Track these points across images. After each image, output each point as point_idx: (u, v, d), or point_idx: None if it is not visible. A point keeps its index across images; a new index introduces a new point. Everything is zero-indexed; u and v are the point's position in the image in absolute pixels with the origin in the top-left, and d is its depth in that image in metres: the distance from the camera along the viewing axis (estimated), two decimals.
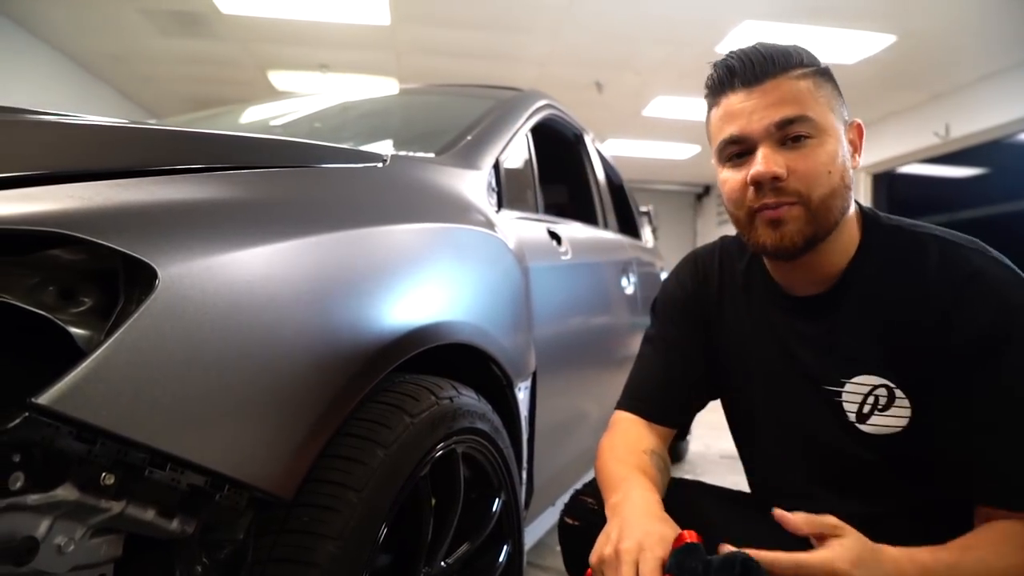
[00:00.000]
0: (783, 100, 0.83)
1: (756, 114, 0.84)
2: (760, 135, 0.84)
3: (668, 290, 1.11)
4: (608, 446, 1.00)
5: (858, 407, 0.89)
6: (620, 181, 3.24)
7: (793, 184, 0.83)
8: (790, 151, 0.83)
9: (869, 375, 0.88)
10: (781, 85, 0.83)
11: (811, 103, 0.83)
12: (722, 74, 0.88)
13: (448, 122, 1.67)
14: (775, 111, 0.83)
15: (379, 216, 0.93)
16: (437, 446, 0.91)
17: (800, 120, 0.83)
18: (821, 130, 0.83)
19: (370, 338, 0.81)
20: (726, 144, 0.88)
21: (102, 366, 0.53)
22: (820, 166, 0.83)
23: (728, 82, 0.87)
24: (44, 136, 0.69)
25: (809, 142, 0.83)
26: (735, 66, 0.86)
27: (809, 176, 0.83)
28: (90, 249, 0.58)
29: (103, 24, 5.38)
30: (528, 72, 6.01)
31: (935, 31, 4.90)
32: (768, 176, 0.83)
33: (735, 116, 0.86)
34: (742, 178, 0.86)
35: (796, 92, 0.83)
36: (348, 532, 0.73)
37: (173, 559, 0.65)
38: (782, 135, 0.83)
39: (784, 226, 0.84)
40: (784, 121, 0.83)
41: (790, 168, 0.83)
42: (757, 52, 0.86)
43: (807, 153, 0.83)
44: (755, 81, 0.84)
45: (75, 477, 0.54)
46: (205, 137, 0.84)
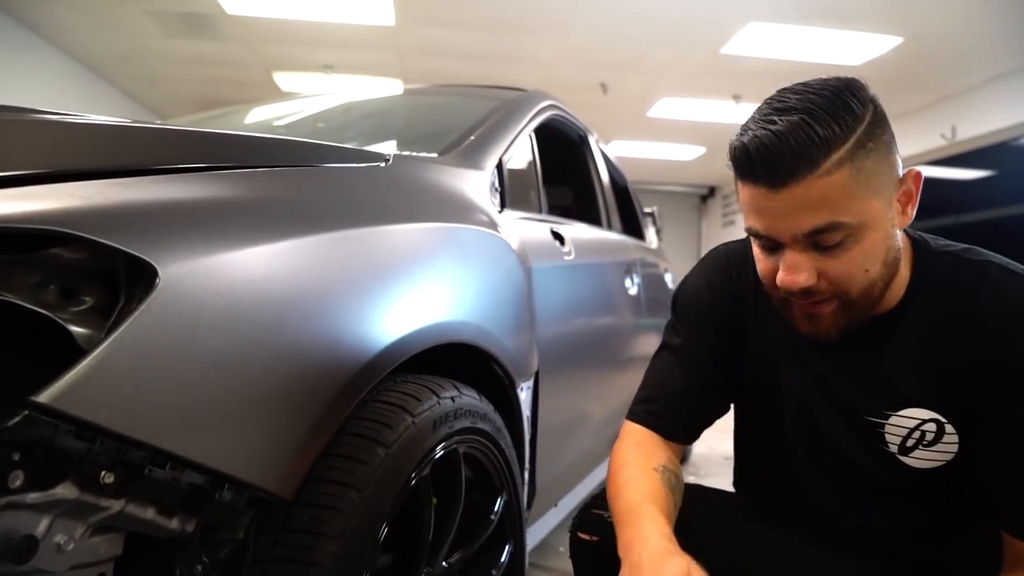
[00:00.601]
0: (811, 206, 0.72)
1: (782, 219, 0.75)
2: (787, 239, 0.76)
3: (694, 291, 1.01)
4: (620, 463, 0.94)
5: (902, 440, 0.85)
6: (624, 182, 3.24)
7: (825, 286, 0.77)
8: (822, 254, 0.76)
9: (918, 408, 0.84)
10: (809, 188, 0.72)
11: (845, 203, 0.72)
12: (742, 160, 0.76)
13: (451, 122, 1.67)
14: (803, 218, 0.73)
15: (381, 216, 0.93)
16: (438, 446, 0.91)
17: (832, 228, 0.73)
18: (858, 228, 0.74)
19: (371, 337, 0.81)
20: (751, 232, 0.81)
21: (102, 364, 0.53)
22: (856, 268, 0.76)
23: (748, 174, 0.76)
24: (45, 135, 0.69)
25: (845, 242, 0.75)
26: (755, 160, 0.73)
27: (843, 279, 0.76)
28: (91, 248, 0.58)
29: (109, 25, 5.41)
30: (533, 73, 6.01)
31: (941, 33, 4.88)
32: (797, 289, 0.77)
33: (758, 212, 0.77)
34: (772, 268, 0.80)
35: (828, 193, 0.72)
36: (349, 532, 0.73)
37: (173, 558, 0.65)
38: (810, 241, 0.76)
39: (819, 320, 0.80)
40: (814, 231, 0.74)
41: (821, 271, 0.76)
42: (778, 144, 0.72)
43: (841, 255, 0.75)
44: (779, 183, 0.73)
45: (75, 475, 0.54)
46: (206, 136, 0.84)
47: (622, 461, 0.94)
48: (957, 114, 6.23)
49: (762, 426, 1.01)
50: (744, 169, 0.76)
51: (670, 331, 1.04)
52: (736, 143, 0.77)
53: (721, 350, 0.98)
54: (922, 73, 5.71)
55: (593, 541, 1.00)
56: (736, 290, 0.98)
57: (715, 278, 1.00)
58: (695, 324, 1.00)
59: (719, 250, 1.04)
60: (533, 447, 1.43)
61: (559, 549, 2.14)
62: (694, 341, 0.99)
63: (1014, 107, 5.68)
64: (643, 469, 0.90)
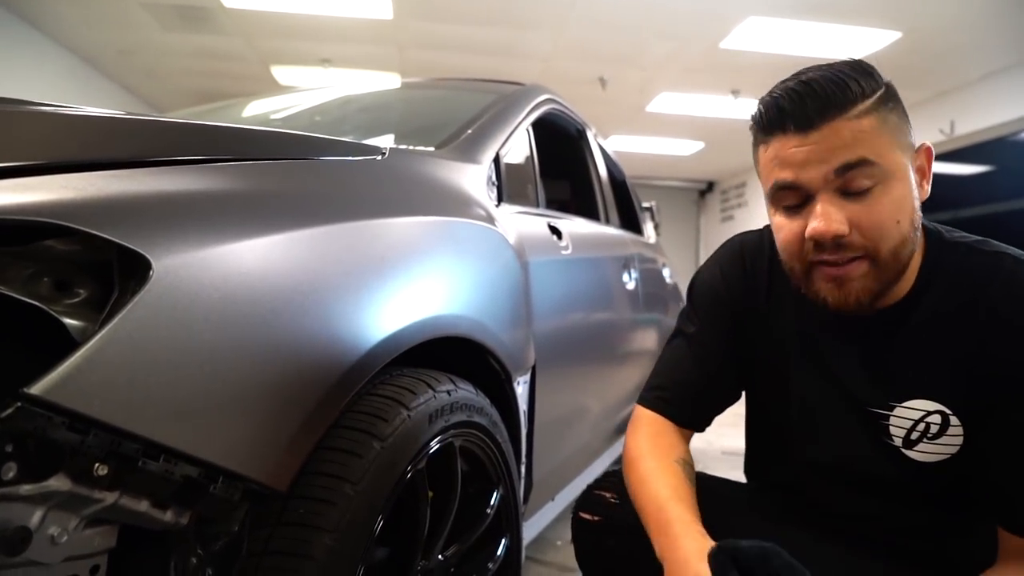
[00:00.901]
0: (843, 145, 0.74)
1: (813, 161, 0.75)
2: (818, 184, 0.76)
3: (709, 283, 1.02)
4: (638, 454, 0.94)
5: (906, 432, 0.85)
6: (623, 177, 3.24)
7: (857, 239, 0.76)
8: (852, 202, 0.76)
9: (924, 400, 0.83)
10: (840, 128, 0.74)
11: (874, 144, 0.74)
12: (772, 114, 0.78)
13: (449, 116, 1.66)
14: (833, 157, 0.75)
15: (376, 209, 0.92)
16: (434, 439, 0.91)
17: (862, 165, 0.74)
18: (887, 174, 0.75)
19: (366, 331, 0.80)
20: (778, 190, 0.80)
21: (95, 356, 0.53)
22: (887, 217, 0.75)
23: (779, 123, 0.78)
24: (38, 127, 0.69)
25: (874, 191, 0.75)
26: (786, 107, 0.76)
27: (875, 229, 0.76)
28: (85, 240, 0.58)
29: (107, 19, 5.39)
30: (531, 67, 6.00)
31: (940, 28, 4.87)
32: (829, 235, 0.75)
33: (788, 162, 0.77)
34: (798, 230, 0.79)
35: (857, 134, 0.74)
36: (344, 525, 0.73)
37: (168, 551, 0.65)
38: (842, 183, 0.75)
39: (848, 284, 0.78)
40: (844, 166, 0.74)
41: (853, 221, 0.75)
42: (810, 89, 0.76)
43: (872, 204, 0.75)
44: (809, 125, 0.75)
45: (68, 467, 0.54)
46: (201, 129, 0.83)
47: (640, 450, 0.94)
48: (955, 109, 6.23)
49: (771, 416, 1.01)
50: (774, 120, 0.78)
51: (684, 319, 1.04)
52: (764, 101, 0.80)
53: (733, 340, 0.99)
54: (920, 68, 5.70)
55: (595, 521, 1.01)
56: (750, 281, 0.99)
57: (729, 269, 1.01)
58: (709, 314, 1.01)
59: (735, 241, 1.05)
60: (530, 441, 1.43)
61: (556, 543, 2.15)
62: (707, 331, 1.00)
63: (1013, 102, 5.68)
64: (664, 462, 0.91)
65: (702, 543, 0.75)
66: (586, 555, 1.04)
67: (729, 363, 0.99)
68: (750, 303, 0.98)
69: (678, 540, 0.77)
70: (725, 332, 0.99)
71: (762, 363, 0.98)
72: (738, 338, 0.99)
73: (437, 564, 0.97)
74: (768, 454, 1.06)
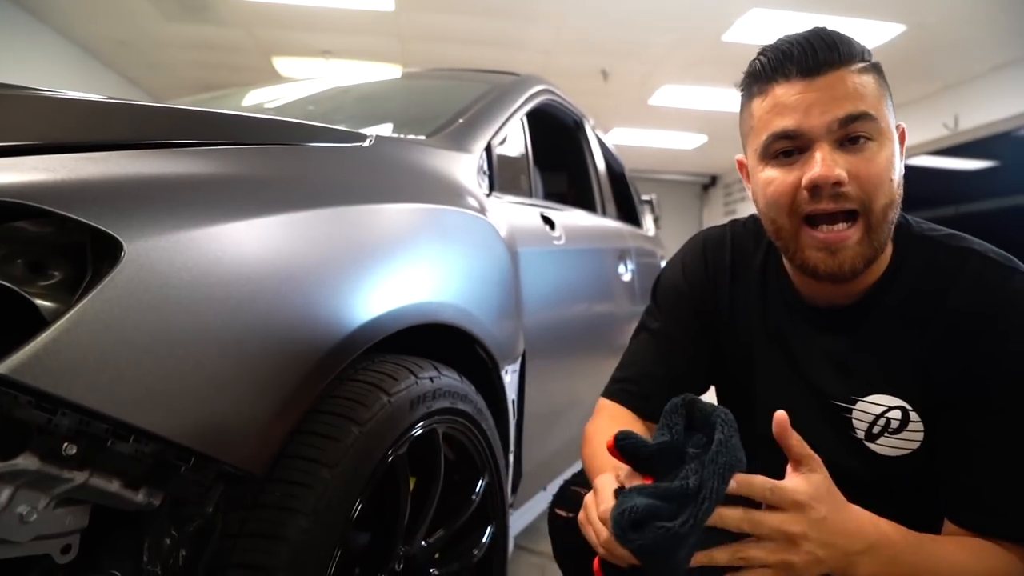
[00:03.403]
0: (847, 95, 0.74)
1: (816, 108, 0.74)
2: (820, 132, 0.75)
3: (673, 279, 1.03)
4: (595, 431, 0.95)
5: (868, 426, 0.84)
6: (621, 169, 3.23)
7: (854, 191, 0.75)
8: (850, 154, 0.75)
9: (885, 395, 0.83)
10: (845, 78, 0.74)
11: (875, 101, 0.75)
12: (775, 60, 0.77)
13: (442, 106, 1.66)
14: (838, 106, 0.74)
15: (359, 195, 0.92)
16: (416, 425, 0.91)
17: (864, 118, 0.74)
18: (882, 133, 0.76)
19: (343, 316, 0.80)
20: (775, 139, 0.78)
21: (62, 336, 0.53)
22: (883, 172, 0.75)
23: (782, 69, 0.76)
24: (13, 109, 0.68)
25: (870, 145, 0.75)
26: (792, 52, 0.76)
27: (871, 182, 0.75)
28: (58, 222, 0.58)
29: (108, 9, 5.39)
30: (533, 60, 5.98)
31: (945, 21, 4.84)
32: (831, 180, 0.74)
33: (790, 109, 0.76)
34: (793, 180, 0.77)
35: (861, 87, 0.74)
36: (320, 508, 0.73)
37: (142, 531, 0.65)
38: (843, 134, 0.75)
39: (842, 252, 0.77)
40: (849, 117, 0.74)
41: (851, 172, 0.74)
42: (819, 38, 0.76)
43: (869, 157, 0.75)
44: (816, 71, 0.75)
45: (36, 446, 0.54)
46: (180, 113, 0.83)
47: (596, 428, 0.95)
48: (960, 103, 6.19)
49: (739, 410, 1.00)
50: (778, 67, 0.77)
51: (648, 316, 1.05)
52: (766, 50, 0.80)
53: (698, 334, 0.98)
54: (925, 62, 5.67)
55: (569, 517, 1.00)
56: (712, 276, 0.99)
57: (692, 265, 1.01)
58: (672, 310, 1.01)
59: (697, 237, 1.05)
60: (519, 430, 1.43)
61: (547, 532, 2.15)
62: (671, 325, 1.00)
63: (1017, 96, 5.65)
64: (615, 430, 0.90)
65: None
66: (563, 551, 1.04)
67: (694, 357, 0.99)
68: (713, 298, 0.98)
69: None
70: (689, 327, 0.99)
71: (728, 357, 0.98)
72: (702, 333, 0.98)
73: (420, 550, 0.98)
74: None
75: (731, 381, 1.00)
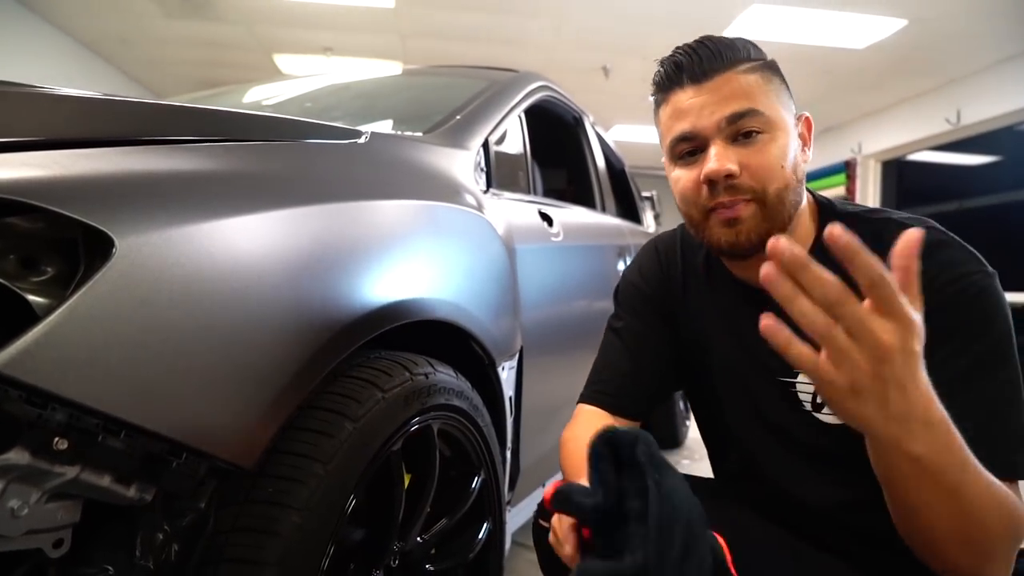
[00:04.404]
0: (733, 95, 0.82)
1: (706, 109, 0.83)
2: (711, 131, 0.83)
3: (631, 280, 1.09)
4: (571, 437, 0.97)
5: (812, 396, 0.87)
6: (621, 165, 3.23)
7: (747, 181, 0.82)
8: (742, 147, 0.82)
9: None
10: (730, 80, 0.83)
11: (761, 97, 0.83)
12: (670, 70, 0.86)
13: (440, 102, 1.66)
14: (725, 106, 0.82)
15: (353, 191, 0.93)
16: (411, 421, 0.91)
17: (751, 114, 0.82)
18: (772, 124, 0.83)
19: (335, 312, 0.80)
20: (677, 142, 0.86)
21: (53, 331, 0.54)
22: (773, 160, 0.82)
23: (676, 78, 0.85)
24: (5, 105, 0.69)
25: (760, 137, 0.82)
26: (683, 62, 0.85)
27: (762, 171, 0.82)
28: (50, 218, 0.58)
29: (109, 6, 5.39)
30: (535, 56, 5.97)
31: (947, 15, 4.82)
32: (722, 173, 0.81)
33: (685, 113, 0.84)
34: (695, 176, 0.85)
35: (745, 86, 0.82)
36: (313, 503, 0.73)
37: (134, 526, 0.65)
38: (733, 130, 0.82)
39: (739, 224, 0.83)
40: (735, 115, 0.82)
41: (743, 164, 0.82)
42: (704, 47, 0.84)
43: (759, 148, 0.82)
44: (703, 76, 0.83)
45: (26, 441, 0.54)
46: (174, 110, 0.84)
47: (574, 434, 0.98)
48: (962, 98, 6.16)
49: (707, 402, 1.04)
50: (671, 77, 0.86)
51: (613, 318, 1.10)
52: (662, 62, 0.88)
53: (659, 329, 1.03)
54: (927, 56, 5.64)
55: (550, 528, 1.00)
56: (665, 273, 1.05)
57: (647, 266, 1.08)
58: (633, 308, 1.06)
59: (650, 242, 1.13)
60: (517, 427, 1.43)
61: None
62: (634, 321, 1.05)
63: (1020, 91, 5.62)
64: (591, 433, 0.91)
65: None
66: (547, 562, 1.04)
67: (658, 349, 1.03)
68: (668, 293, 1.04)
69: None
70: (651, 321, 1.04)
71: (687, 349, 1.02)
72: (663, 325, 1.03)
73: (415, 546, 0.98)
74: (713, 440, 1.08)
75: (692, 372, 1.04)
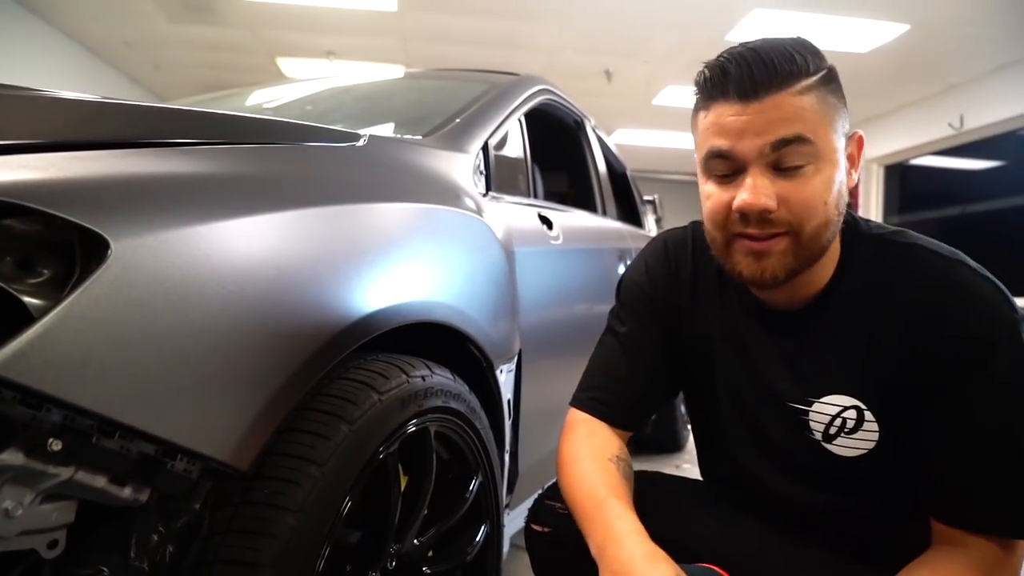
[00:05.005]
0: (782, 119, 0.74)
1: (749, 132, 0.74)
2: (752, 156, 0.75)
3: (635, 279, 1.02)
4: (571, 457, 0.92)
5: (824, 427, 0.84)
6: (623, 169, 3.23)
7: (783, 215, 0.75)
8: (783, 179, 0.75)
9: (840, 395, 0.83)
10: (782, 102, 0.73)
11: (813, 123, 0.74)
12: (716, 77, 0.77)
13: (440, 106, 1.66)
14: (771, 131, 0.74)
15: (349, 194, 0.93)
16: (407, 424, 0.91)
17: (797, 142, 0.74)
18: (820, 155, 0.75)
19: (332, 315, 0.81)
20: (712, 157, 0.78)
21: (48, 333, 0.54)
22: (816, 197, 0.75)
23: (722, 88, 0.76)
24: (6, 108, 0.69)
25: (805, 170, 0.75)
26: (731, 72, 0.75)
27: (802, 207, 0.75)
28: (46, 220, 0.59)
29: (113, 10, 5.42)
30: (537, 60, 5.98)
31: (950, 20, 4.82)
32: (757, 208, 0.75)
33: (726, 130, 0.76)
34: (727, 201, 0.78)
35: (798, 110, 0.73)
36: (309, 505, 0.73)
37: (129, 527, 0.65)
38: (776, 158, 0.75)
39: (766, 259, 0.77)
40: (781, 142, 0.74)
41: (781, 197, 0.75)
42: (758, 58, 0.74)
43: (802, 183, 0.75)
44: (751, 94, 0.74)
45: (21, 442, 0.54)
46: (171, 113, 0.84)
47: (575, 453, 0.92)
48: (965, 103, 6.16)
49: (705, 412, 1.01)
50: (718, 85, 0.77)
51: (613, 318, 1.04)
52: (710, 65, 0.79)
53: (663, 337, 0.98)
54: (930, 61, 5.64)
55: (545, 532, 0.99)
56: (674, 277, 0.99)
57: (654, 266, 1.01)
58: (637, 312, 1.00)
59: (659, 238, 1.05)
60: (515, 430, 1.43)
61: None
62: (637, 329, 0.99)
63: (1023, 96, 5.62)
64: (599, 461, 0.89)
65: (645, 546, 0.73)
66: (540, 566, 1.03)
67: (661, 360, 0.98)
68: (675, 299, 0.98)
69: (621, 540, 0.74)
70: (654, 328, 0.98)
71: (690, 358, 0.98)
72: (667, 334, 0.98)
73: (412, 548, 0.98)
74: (709, 449, 1.05)
75: (694, 383, 1.00)
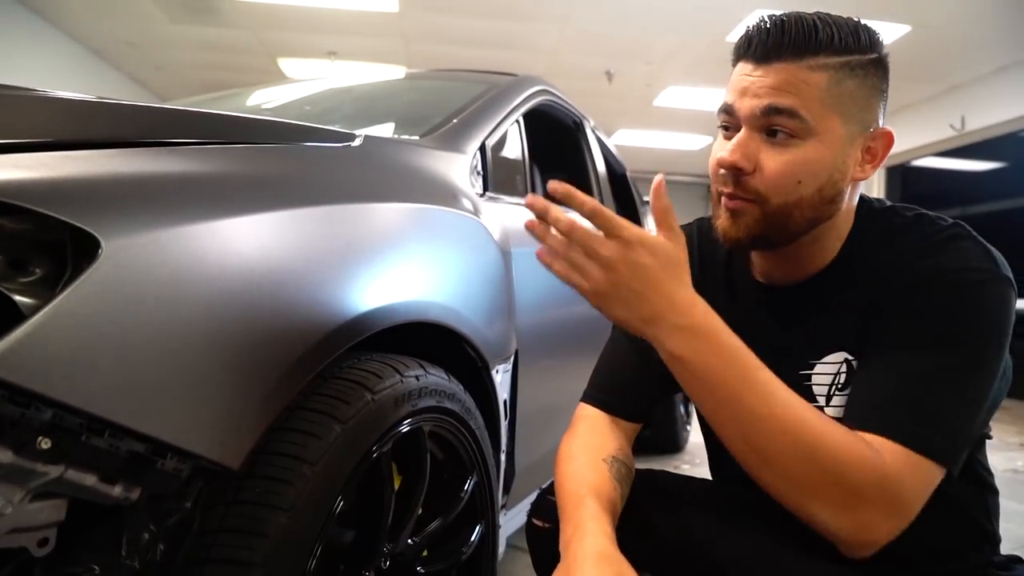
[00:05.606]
0: (782, 87, 0.75)
1: (750, 93, 0.77)
2: (745, 116, 0.77)
3: None
4: (567, 454, 0.92)
5: (827, 390, 0.86)
6: (623, 170, 3.22)
7: (755, 182, 0.77)
8: (769, 145, 0.77)
9: (835, 352, 0.84)
10: (789, 71, 0.75)
11: (812, 101, 0.75)
12: (744, 40, 0.80)
13: (439, 106, 1.66)
14: (768, 96, 0.75)
15: (345, 194, 0.93)
16: (401, 423, 0.91)
17: (787, 114, 0.74)
18: (811, 132, 0.75)
19: (325, 315, 0.81)
20: (720, 110, 0.82)
21: (37, 332, 0.54)
22: (788, 174, 0.76)
23: (745, 49, 0.79)
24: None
25: (792, 142, 0.76)
26: (754, 37, 0.78)
27: (773, 179, 0.76)
28: (37, 219, 0.59)
29: (115, 11, 5.43)
30: (538, 61, 5.99)
31: (950, 21, 4.82)
32: (729, 164, 0.77)
33: (735, 87, 0.79)
34: (719, 154, 0.81)
35: (799, 84, 0.74)
36: (301, 504, 0.73)
37: (120, 526, 0.66)
38: (765, 123, 0.76)
39: (739, 219, 0.80)
40: (771, 108, 0.75)
41: (759, 164, 0.77)
42: (780, 26, 0.76)
43: (781, 153, 0.76)
44: (764, 59, 0.76)
45: (9, 440, 0.54)
46: (165, 112, 0.84)
47: (571, 450, 0.92)
48: (966, 104, 6.16)
49: None
50: (742, 46, 0.80)
51: None
52: (748, 27, 0.81)
53: None
54: (931, 62, 5.64)
55: (545, 527, 0.99)
56: None
57: None
58: None
59: None
60: (512, 430, 1.43)
61: None
62: None
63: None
64: (592, 460, 0.89)
65: (602, 547, 0.72)
66: (540, 561, 1.03)
67: None
68: None
69: (583, 537, 0.73)
70: None
71: None
72: None
73: (406, 547, 0.98)
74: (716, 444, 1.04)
75: None
